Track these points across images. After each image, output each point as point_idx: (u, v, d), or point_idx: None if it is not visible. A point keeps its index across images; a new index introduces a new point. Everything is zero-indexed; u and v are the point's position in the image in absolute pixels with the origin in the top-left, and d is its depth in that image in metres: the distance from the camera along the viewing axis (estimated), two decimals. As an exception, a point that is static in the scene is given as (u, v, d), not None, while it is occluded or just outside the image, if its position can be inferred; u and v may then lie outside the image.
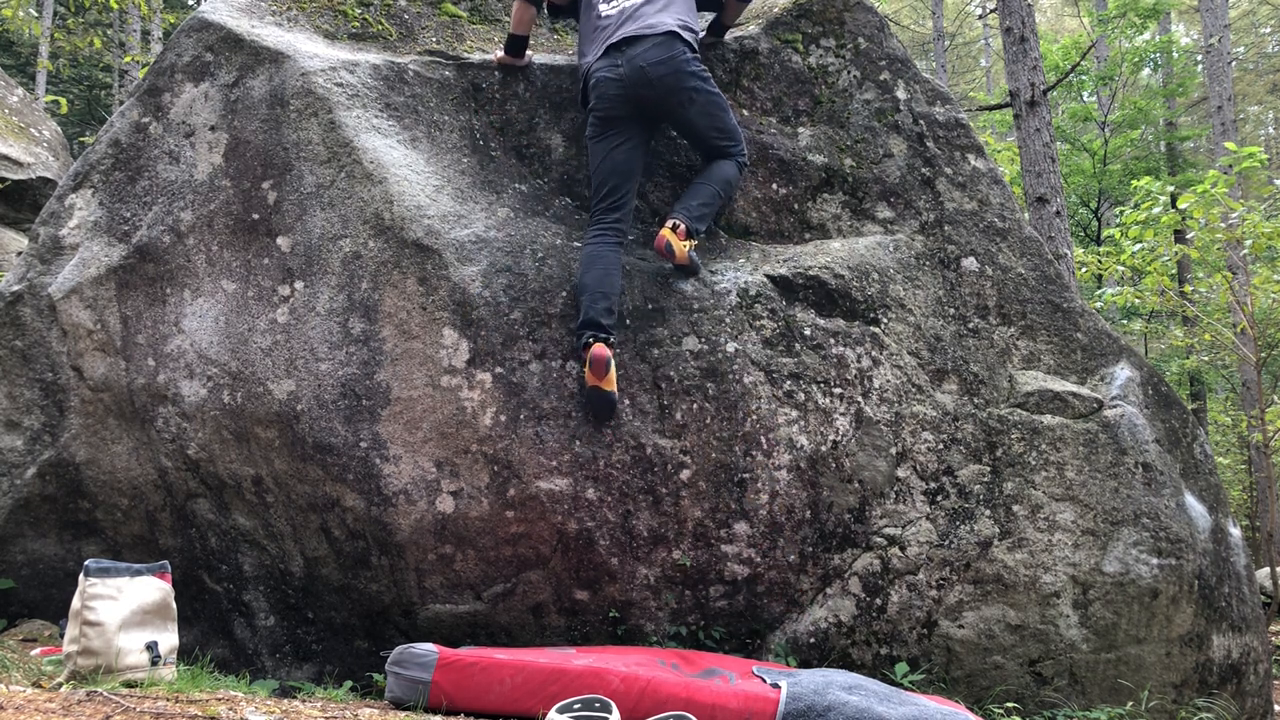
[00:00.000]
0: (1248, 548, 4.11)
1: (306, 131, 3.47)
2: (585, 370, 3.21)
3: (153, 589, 2.77)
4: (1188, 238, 8.14)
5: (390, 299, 3.31)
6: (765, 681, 2.76)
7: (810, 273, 3.63)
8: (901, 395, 3.60)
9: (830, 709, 2.56)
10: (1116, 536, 3.60)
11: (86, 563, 2.69)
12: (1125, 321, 13.64)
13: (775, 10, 4.11)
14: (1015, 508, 3.59)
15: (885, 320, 3.67)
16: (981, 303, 3.83)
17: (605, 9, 3.58)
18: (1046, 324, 3.87)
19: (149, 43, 15.48)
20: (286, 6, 3.91)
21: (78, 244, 3.67)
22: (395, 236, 3.33)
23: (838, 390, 3.52)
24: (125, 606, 2.67)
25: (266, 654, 3.50)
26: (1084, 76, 14.48)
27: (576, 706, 2.48)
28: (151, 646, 2.69)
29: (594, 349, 3.16)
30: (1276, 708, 4.28)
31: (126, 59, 12.96)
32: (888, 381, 3.60)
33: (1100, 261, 8.42)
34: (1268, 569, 7.22)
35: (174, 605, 2.83)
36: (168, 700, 2.30)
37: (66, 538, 3.65)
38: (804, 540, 3.44)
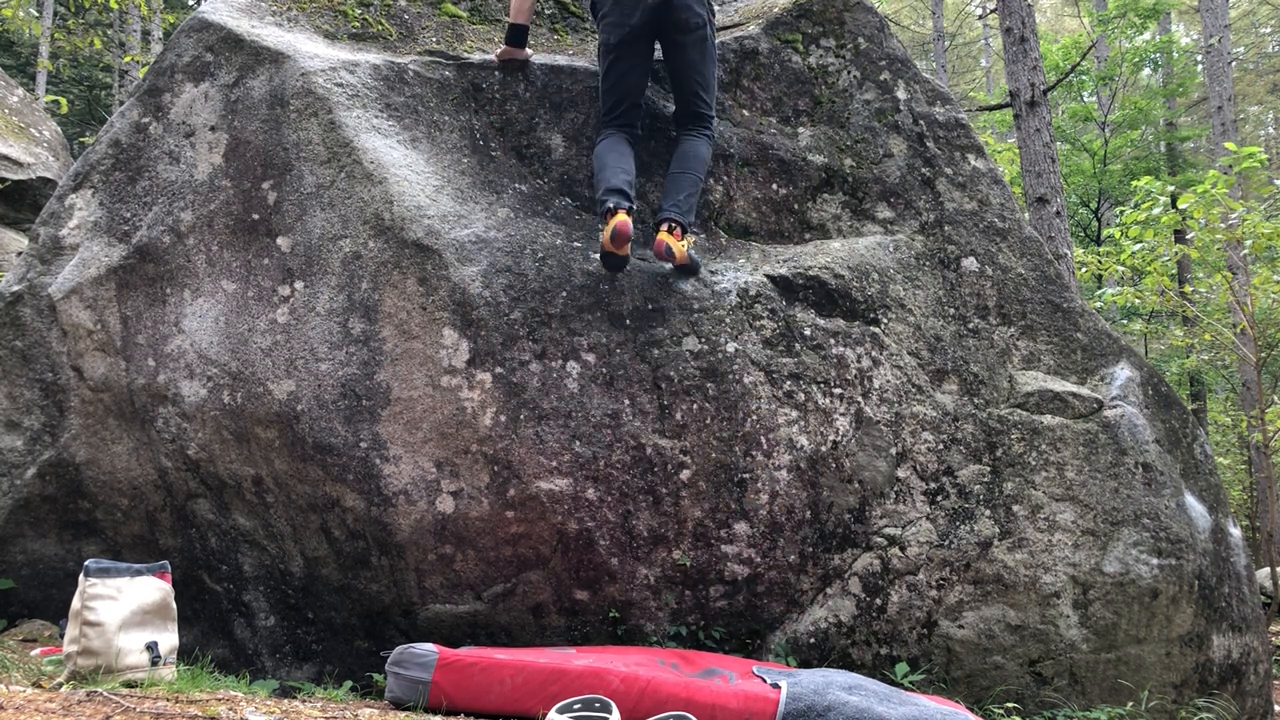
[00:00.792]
0: (1248, 548, 4.12)
1: (306, 131, 3.47)
2: (603, 236, 3.25)
3: (153, 589, 2.77)
4: (1188, 238, 8.13)
5: (390, 299, 3.31)
6: (765, 681, 2.76)
7: (810, 273, 3.63)
8: (901, 395, 3.60)
9: (830, 709, 2.56)
10: (1116, 537, 3.60)
11: (86, 563, 2.68)
12: (1125, 321, 13.64)
13: (775, 10, 4.11)
14: (1015, 508, 3.59)
15: (885, 320, 3.67)
16: (981, 303, 3.83)
17: None
18: (1046, 324, 3.87)
19: (149, 43, 15.48)
20: (286, 6, 3.91)
21: (78, 244, 3.67)
22: (395, 237, 3.33)
23: (838, 390, 3.52)
24: (125, 607, 2.67)
25: (266, 654, 3.50)
26: (1084, 76, 14.48)
27: (576, 706, 2.48)
28: (151, 646, 2.69)
29: (618, 219, 3.22)
30: (1276, 708, 4.28)
31: (126, 59, 12.96)
32: (888, 382, 3.60)
33: (1100, 261, 8.42)
34: (1268, 569, 7.22)
35: (174, 605, 2.83)
36: (168, 700, 2.30)
37: (66, 538, 3.65)
38: (804, 540, 3.44)
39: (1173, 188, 7.93)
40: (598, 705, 2.48)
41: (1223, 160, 9.70)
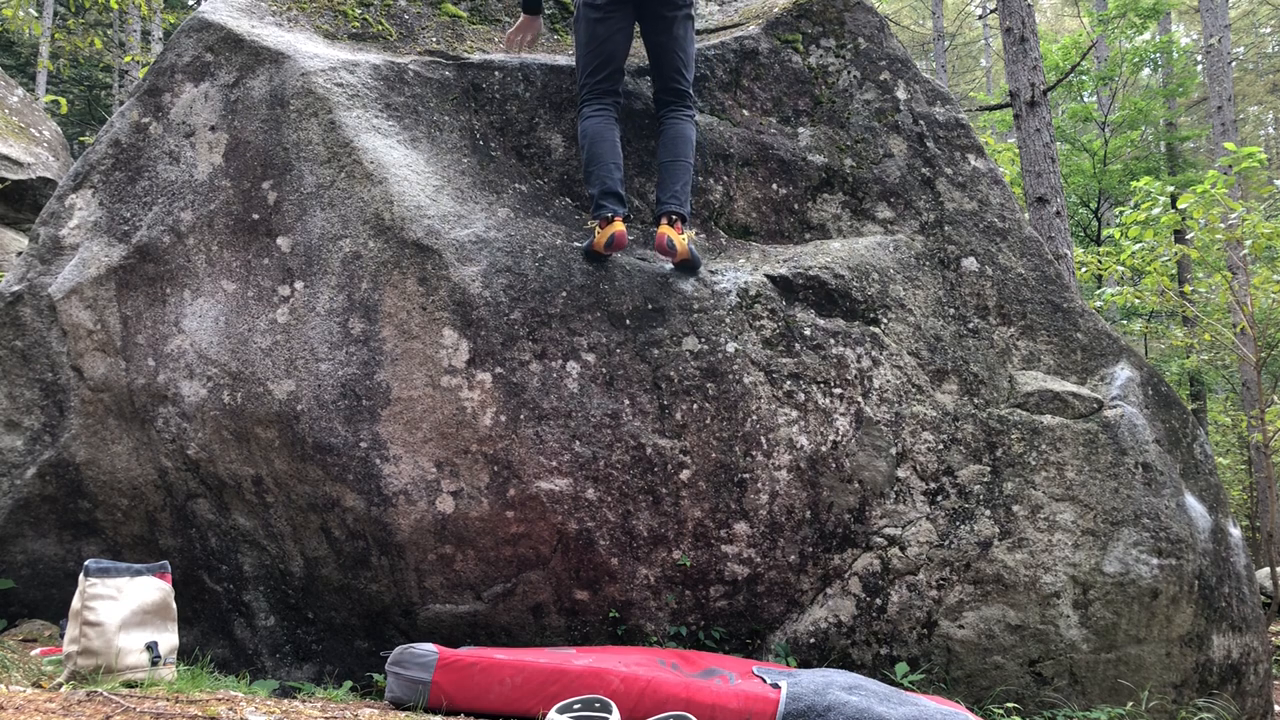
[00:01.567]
0: (1248, 548, 4.11)
1: (306, 131, 3.47)
2: (597, 239, 3.32)
3: (153, 589, 2.77)
4: (1188, 238, 8.14)
5: (390, 299, 3.31)
6: (765, 681, 2.76)
7: (810, 273, 3.63)
8: (901, 395, 3.60)
9: (830, 709, 2.56)
10: (1116, 537, 3.60)
11: (86, 563, 2.68)
12: (1125, 321, 13.65)
13: (775, 10, 4.11)
14: (1015, 508, 3.59)
15: (885, 320, 3.67)
16: (981, 303, 3.83)
17: None
18: (1046, 324, 3.87)
19: (149, 43, 15.49)
20: (286, 6, 3.91)
21: (78, 244, 3.67)
22: (395, 236, 3.33)
23: (838, 390, 3.52)
24: (125, 606, 2.67)
25: (266, 654, 3.50)
26: (1084, 76, 14.48)
27: (576, 706, 2.48)
28: (151, 646, 2.69)
29: (615, 229, 3.30)
30: (1276, 708, 4.28)
31: (126, 59, 12.96)
32: (888, 382, 3.60)
33: (1100, 261, 8.42)
34: (1268, 569, 7.22)
35: (174, 605, 2.83)
36: (168, 700, 2.30)
37: (66, 538, 3.65)
38: (804, 540, 3.44)
39: (1172, 188, 7.93)
40: (598, 705, 2.48)
41: (1222, 160, 9.69)
